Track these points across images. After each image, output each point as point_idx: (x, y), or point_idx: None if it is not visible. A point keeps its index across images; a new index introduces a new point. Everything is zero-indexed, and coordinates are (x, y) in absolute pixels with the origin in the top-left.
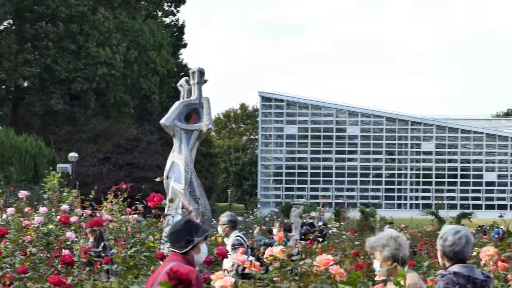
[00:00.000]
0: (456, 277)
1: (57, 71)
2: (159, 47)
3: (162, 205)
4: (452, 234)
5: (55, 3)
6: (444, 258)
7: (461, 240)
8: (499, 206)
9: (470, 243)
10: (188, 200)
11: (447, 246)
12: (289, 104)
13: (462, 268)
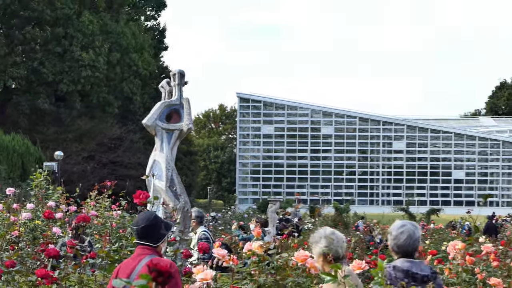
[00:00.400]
0: (394, 271)
1: (44, 74)
2: (141, 50)
3: (147, 202)
4: (396, 229)
5: (41, 6)
6: (392, 252)
7: (403, 235)
8: (467, 202)
9: (414, 238)
10: (169, 196)
11: (391, 240)
12: (266, 105)
13: (404, 263)
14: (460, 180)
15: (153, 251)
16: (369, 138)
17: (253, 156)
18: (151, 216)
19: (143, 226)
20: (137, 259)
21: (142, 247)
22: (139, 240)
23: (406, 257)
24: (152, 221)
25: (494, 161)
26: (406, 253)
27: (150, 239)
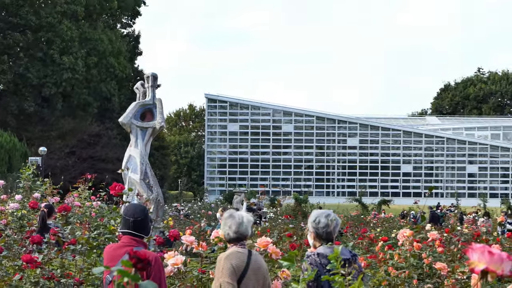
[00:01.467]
0: (319, 257)
1: (29, 78)
2: (117, 55)
3: (122, 193)
4: (324, 217)
5: (27, 14)
6: (316, 239)
7: (332, 222)
8: (414, 193)
9: (338, 225)
10: (143, 188)
11: (320, 228)
12: (231, 105)
13: (326, 249)
14: (408, 173)
15: (141, 242)
16: (326, 135)
17: (220, 151)
18: (144, 209)
19: (141, 219)
20: (124, 249)
21: (131, 238)
22: (132, 231)
23: (328, 241)
24: (146, 214)
25: (439, 156)
26: (332, 239)
27: (143, 231)
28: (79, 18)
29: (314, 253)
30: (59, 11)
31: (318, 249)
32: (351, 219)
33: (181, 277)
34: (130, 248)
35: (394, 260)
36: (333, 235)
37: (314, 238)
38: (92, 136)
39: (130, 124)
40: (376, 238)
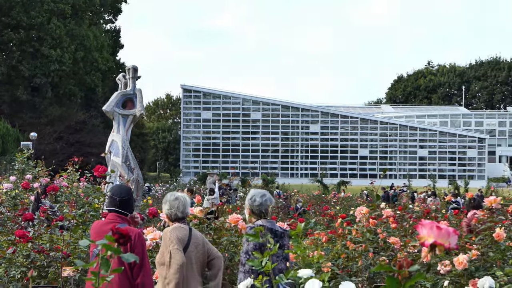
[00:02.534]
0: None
1: (21, 70)
2: (101, 49)
3: (105, 175)
4: (260, 196)
5: (19, 14)
6: (252, 215)
7: (266, 202)
8: (370, 175)
9: (268, 202)
10: (125, 170)
11: (255, 205)
12: (205, 95)
13: (266, 222)
14: (365, 157)
15: (125, 219)
16: (290, 122)
17: (194, 137)
18: (130, 189)
19: (127, 198)
20: (110, 225)
21: (117, 215)
22: (118, 208)
23: (265, 218)
24: (131, 194)
25: (393, 141)
26: (265, 215)
27: (128, 209)
28: (66, 16)
29: (257, 224)
30: (47, 10)
31: (259, 221)
32: (313, 198)
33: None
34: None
35: (352, 235)
36: (267, 212)
37: (250, 213)
38: (78, 123)
39: (112, 112)
40: (335, 215)
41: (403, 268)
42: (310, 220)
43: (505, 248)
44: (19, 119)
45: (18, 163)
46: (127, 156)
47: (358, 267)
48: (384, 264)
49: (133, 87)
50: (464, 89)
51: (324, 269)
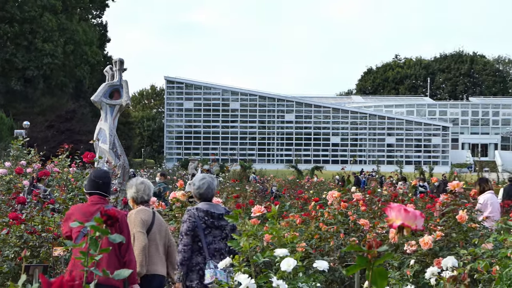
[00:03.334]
0: (197, 211)
1: (14, 62)
2: (90, 43)
3: (94, 161)
4: (198, 180)
5: (13, 9)
6: (195, 197)
7: (204, 185)
8: (342, 161)
9: (211, 187)
10: (112, 156)
11: (195, 189)
12: (187, 86)
13: (204, 205)
14: (337, 144)
15: (107, 201)
16: (267, 111)
17: (177, 125)
18: (109, 173)
19: (108, 182)
20: (95, 206)
21: (99, 197)
22: (99, 191)
23: (206, 201)
24: (110, 178)
25: (363, 130)
26: (206, 198)
27: (108, 192)
28: (58, 11)
29: (194, 207)
30: (40, 5)
31: (197, 205)
32: (288, 182)
33: None
34: (101, 206)
35: (325, 217)
36: (207, 195)
37: (194, 196)
38: (68, 112)
39: (100, 102)
40: (309, 198)
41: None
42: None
43: (467, 229)
44: (13, 108)
45: (13, 150)
46: (114, 143)
47: (330, 247)
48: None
49: (120, 79)
50: (429, 81)
51: (298, 249)
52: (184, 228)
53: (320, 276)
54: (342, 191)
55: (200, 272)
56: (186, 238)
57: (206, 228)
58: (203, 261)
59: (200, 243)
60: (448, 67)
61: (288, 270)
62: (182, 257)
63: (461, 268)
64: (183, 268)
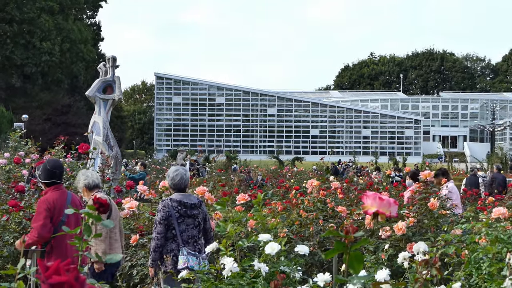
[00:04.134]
0: (171, 201)
1: (14, 60)
2: (84, 41)
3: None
4: (172, 172)
5: (13, 10)
6: (170, 188)
7: (177, 176)
8: (321, 152)
9: (184, 178)
10: (105, 148)
11: (169, 180)
12: (175, 81)
13: (178, 196)
14: (316, 136)
15: (63, 188)
16: (250, 105)
17: (166, 118)
18: (61, 162)
19: (62, 171)
20: (65, 193)
21: (60, 185)
22: (58, 180)
23: (179, 191)
24: (61, 163)
25: (340, 123)
26: (179, 189)
27: (61, 180)
28: (54, 12)
29: (168, 198)
30: (38, 7)
31: (172, 195)
32: (271, 172)
33: (135, 218)
34: (71, 193)
35: (305, 204)
36: (180, 186)
37: (169, 188)
38: (64, 106)
39: (94, 96)
40: (290, 187)
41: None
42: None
43: (438, 216)
44: (12, 103)
45: (12, 142)
46: (107, 135)
47: (310, 232)
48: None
49: (112, 75)
50: (402, 77)
51: (280, 234)
52: (158, 217)
53: (301, 259)
54: (321, 180)
55: (174, 258)
56: (160, 226)
57: (179, 217)
58: (177, 248)
59: (174, 231)
60: (420, 64)
61: (272, 254)
62: (155, 244)
63: (432, 253)
64: (156, 254)
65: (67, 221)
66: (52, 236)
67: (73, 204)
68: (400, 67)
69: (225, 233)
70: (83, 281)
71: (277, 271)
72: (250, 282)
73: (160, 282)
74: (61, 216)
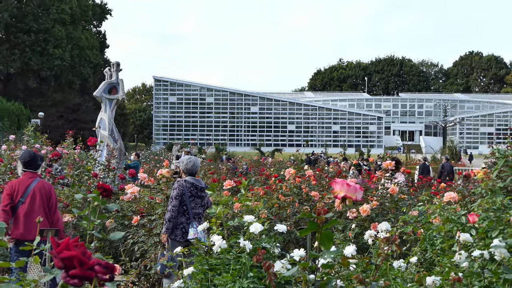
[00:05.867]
0: (185, 183)
1: (31, 65)
2: (92, 48)
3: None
4: (186, 159)
5: (30, 22)
6: (183, 173)
7: (190, 163)
8: (297, 144)
9: (196, 165)
10: (110, 141)
11: (183, 166)
12: (171, 83)
13: (191, 179)
14: (292, 131)
15: (37, 175)
16: (236, 104)
17: (163, 115)
18: (32, 152)
19: (30, 159)
20: (30, 180)
21: (30, 173)
22: (27, 168)
23: (191, 175)
24: (33, 155)
25: (313, 119)
26: (192, 174)
27: (35, 167)
28: (66, 23)
29: (183, 179)
30: (52, 19)
31: (186, 178)
32: (253, 162)
33: (137, 202)
34: (32, 180)
35: (283, 190)
36: (192, 171)
37: (182, 172)
38: (75, 105)
39: (101, 96)
40: (270, 175)
41: (321, 215)
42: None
43: (397, 199)
44: (30, 102)
45: (26, 136)
46: (112, 130)
47: (287, 214)
48: (307, 212)
49: (117, 78)
50: (366, 80)
51: (261, 215)
52: (174, 194)
53: (279, 237)
54: (297, 169)
55: (183, 229)
56: (175, 201)
57: (191, 196)
58: (186, 221)
59: (185, 207)
60: (382, 69)
61: (256, 232)
62: (170, 215)
63: (393, 231)
64: (170, 223)
65: (25, 201)
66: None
67: (40, 189)
68: (365, 71)
69: (215, 214)
70: (89, 255)
71: (259, 247)
72: (236, 256)
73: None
74: (19, 197)
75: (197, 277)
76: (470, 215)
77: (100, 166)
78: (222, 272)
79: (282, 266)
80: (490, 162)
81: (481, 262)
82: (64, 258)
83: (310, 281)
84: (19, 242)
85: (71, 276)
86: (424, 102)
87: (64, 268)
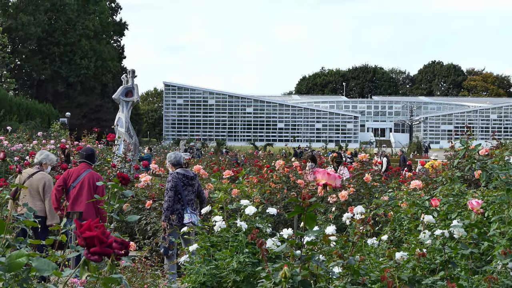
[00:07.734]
0: (178, 174)
1: (61, 73)
2: (112, 60)
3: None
4: (172, 154)
5: (59, 36)
6: (171, 166)
7: (177, 157)
8: (285, 140)
9: (179, 157)
10: (127, 137)
11: (171, 160)
12: (179, 88)
13: (181, 171)
14: (282, 128)
15: (91, 167)
16: (234, 105)
17: (172, 115)
18: (92, 148)
19: (89, 154)
20: (83, 170)
21: (85, 164)
22: (84, 159)
23: (180, 167)
24: (93, 151)
25: (300, 118)
26: (178, 164)
27: (91, 160)
28: (90, 37)
29: (175, 171)
30: (78, 34)
31: (177, 170)
32: (248, 154)
33: (149, 188)
34: (84, 170)
35: (273, 178)
36: (180, 163)
37: (171, 166)
38: (97, 106)
39: (119, 99)
40: (263, 166)
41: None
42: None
43: (371, 186)
44: (59, 104)
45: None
46: (128, 127)
47: (277, 199)
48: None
49: (132, 83)
50: (345, 85)
51: (255, 200)
52: (169, 185)
53: (271, 219)
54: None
55: (179, 215)
56: (170, 192)
57: (183, 185)
58: (181, 208)
59: (180, 195)
60: (358, 75)
61: (250, 214)
62: (167, 205)
63: (367, 213)
64: (168, 212)
65: (76, 186)
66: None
67: (89, 178)
68: (343, 77)
69: (217, 198)
70: (108, 235)
71: (253, 227)
72: (234, 235)
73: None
74: (71, 182)
75: (201, 252)
76: (433, 200)
77: (118, 158)
78: (222, 248)
79: (273, 243)
80: (450, 155)
81: (442, 240)
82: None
83: (296, 256)
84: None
85: (92, 253)
86: (394, 104)
87: (86, 246)
